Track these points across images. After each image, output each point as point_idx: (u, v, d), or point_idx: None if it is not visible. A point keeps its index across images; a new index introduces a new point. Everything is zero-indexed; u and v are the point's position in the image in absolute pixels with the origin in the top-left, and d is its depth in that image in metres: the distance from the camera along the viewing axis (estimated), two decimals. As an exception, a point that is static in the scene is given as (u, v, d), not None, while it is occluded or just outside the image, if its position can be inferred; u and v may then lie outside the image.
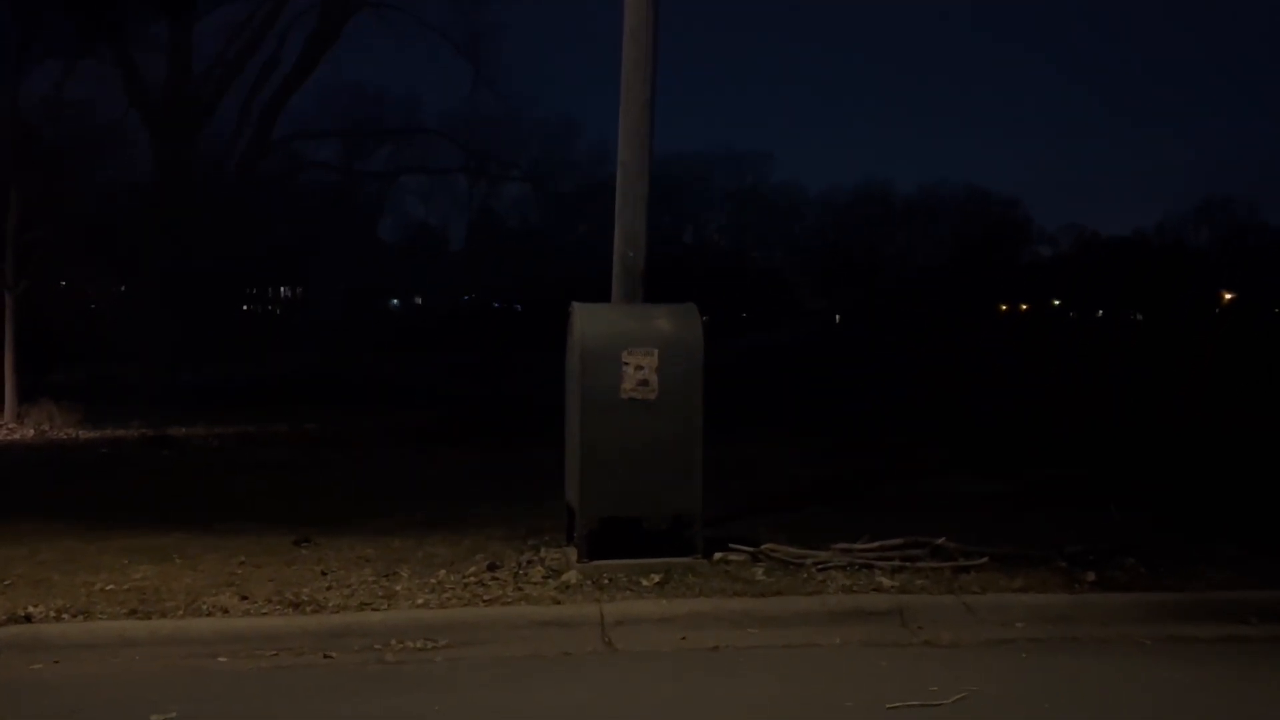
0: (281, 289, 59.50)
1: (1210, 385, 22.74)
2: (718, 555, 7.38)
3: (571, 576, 7.02)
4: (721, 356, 13.15)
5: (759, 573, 7.13)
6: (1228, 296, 63.55)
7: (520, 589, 6.84)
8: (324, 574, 7.28)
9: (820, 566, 7.21)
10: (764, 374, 28.28)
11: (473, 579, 7.03)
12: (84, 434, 17.39)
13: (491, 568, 7.27)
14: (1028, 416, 18.33)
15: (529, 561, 7.44)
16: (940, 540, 7.44)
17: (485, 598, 6.71)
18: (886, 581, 6.94)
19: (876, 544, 7.49)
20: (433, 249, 57.16)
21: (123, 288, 30.59)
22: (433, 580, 7.04)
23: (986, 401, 20.71)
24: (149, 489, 11.34)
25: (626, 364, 7.10)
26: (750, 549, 7.44)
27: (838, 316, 65.27)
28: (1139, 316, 66.62)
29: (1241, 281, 64.02)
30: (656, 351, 7.14)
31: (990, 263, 65.67)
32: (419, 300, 59.64)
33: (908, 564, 7.25)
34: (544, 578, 7.05)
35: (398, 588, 6.90)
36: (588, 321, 7.21)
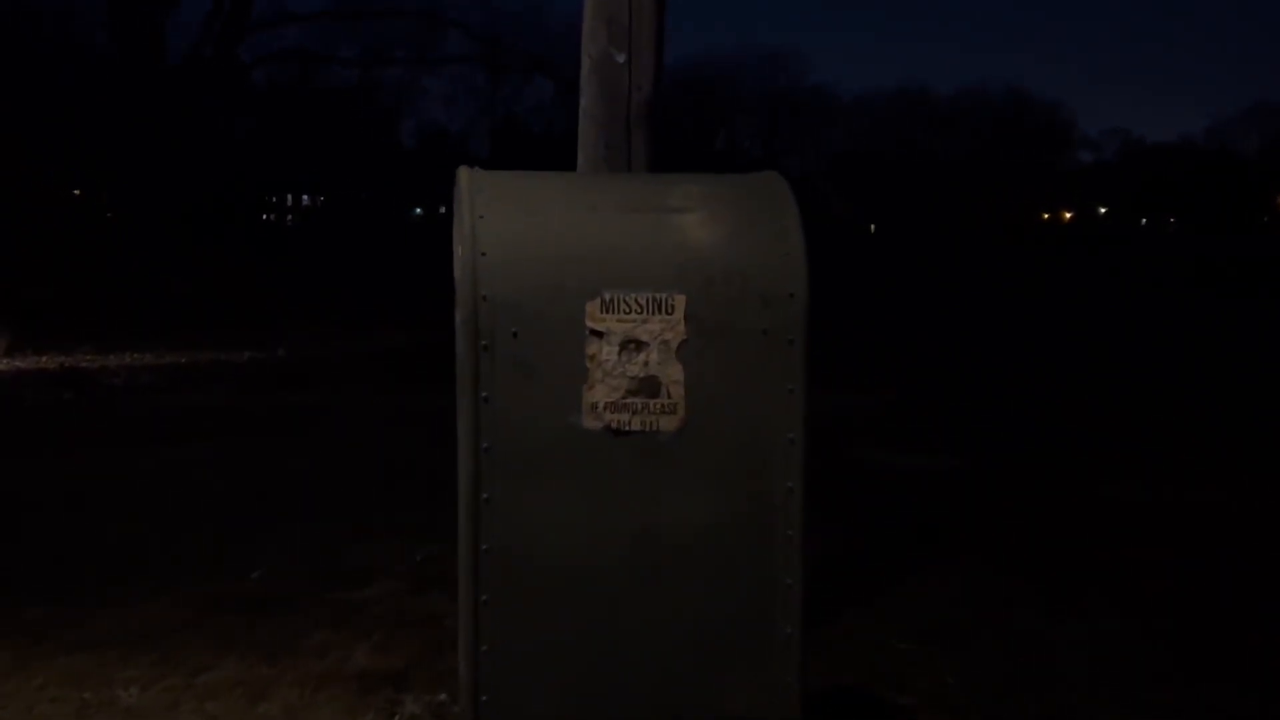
0: (303, 198, 54.81)
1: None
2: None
3: None
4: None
5: None
6: (1285, 204, 57.35)
7: None
8: None
9: None
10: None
11: None
12: (4, 364, 13.47)
13: None
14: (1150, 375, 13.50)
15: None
16: None
17: None
18: None
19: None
20: (455, 157, 51.95)
21: (104, 196, 26.23)
22: None
23: (1065, 345, 15.79)
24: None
25: (598, 335, 2.39)
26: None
27: (873, 227, 59.77)
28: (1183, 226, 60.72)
29: (1294, 188, 57.74)
30: (681, 301, 2.42)
31: (1031, 170, 59.67)
32: (443, 210, 54.73)
33: None
34: None
35: None
36: (495, 219, 2.46)
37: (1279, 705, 3.40)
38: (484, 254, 2.40)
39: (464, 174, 2.56)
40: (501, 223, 2.45)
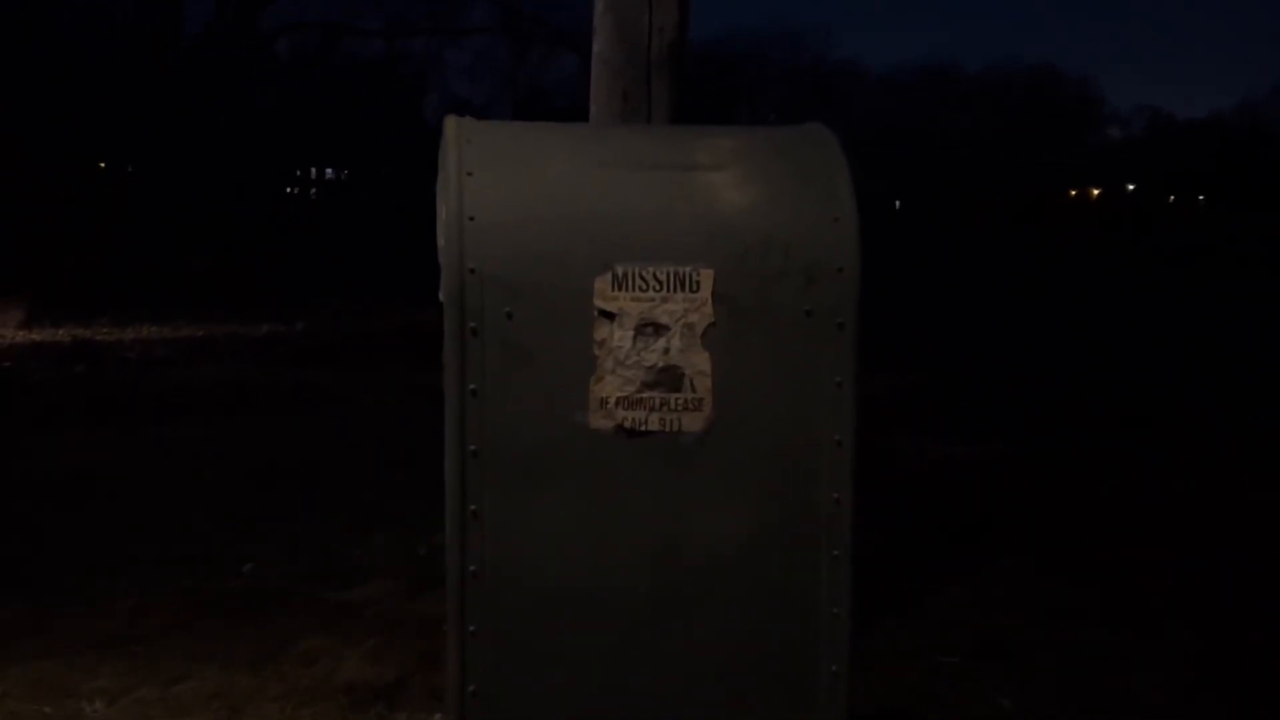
0: (326, 171, 54.41)
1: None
2: None
3: None
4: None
5: None
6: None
7: None
8: None
9: None
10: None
11: None
12: (20, 336, 13.28)
13: None
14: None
15: None
16: None
17: None
18: None
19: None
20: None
21: (129, 169, 25.97)
22: None
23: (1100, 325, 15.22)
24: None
25: (608, 317, 1.98)
26: None
27: (898, 203, 58.96)
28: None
29: (1328, 166, 56.33)
30: (708, 275, 2.00)
31: (1059, 146, 58.61)
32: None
33: None
34: None
35: None
36: (487, 176, 2.06)
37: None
38: (472, 218, 1.99)
39: (451, 123, 2.15)
40: (494, 181, 2.04)
